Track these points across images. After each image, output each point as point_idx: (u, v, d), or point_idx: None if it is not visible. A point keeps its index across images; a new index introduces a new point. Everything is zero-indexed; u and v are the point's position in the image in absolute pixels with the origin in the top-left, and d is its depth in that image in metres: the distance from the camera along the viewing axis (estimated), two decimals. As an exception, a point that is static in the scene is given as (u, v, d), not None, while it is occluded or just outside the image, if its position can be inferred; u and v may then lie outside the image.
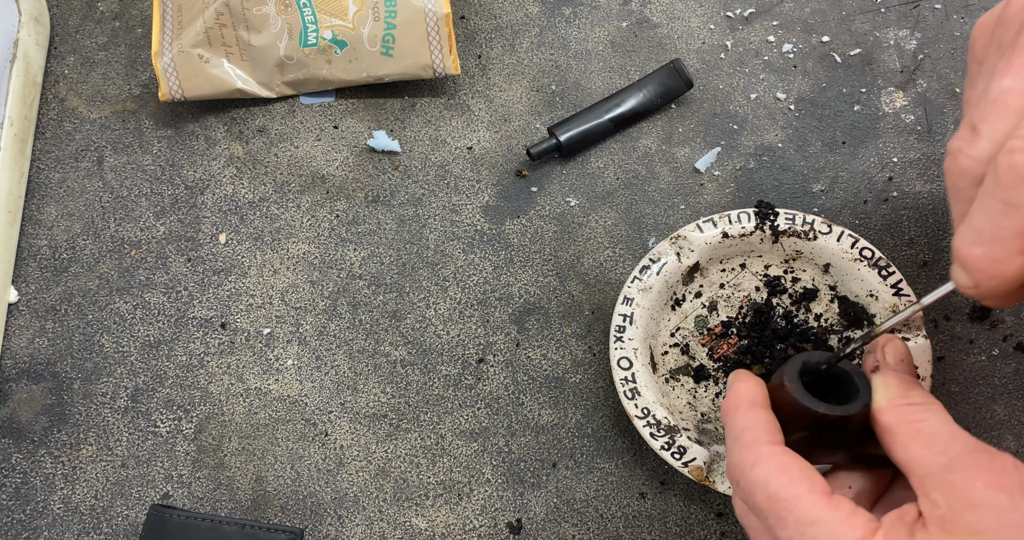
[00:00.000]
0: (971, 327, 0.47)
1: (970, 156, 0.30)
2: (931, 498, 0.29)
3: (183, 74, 0.50)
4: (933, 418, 0.31)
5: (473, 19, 0.55)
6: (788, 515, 0.30)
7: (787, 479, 0.30)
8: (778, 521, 0.30)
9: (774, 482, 0.31)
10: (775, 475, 0.31)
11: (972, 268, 0.30)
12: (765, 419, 0.33)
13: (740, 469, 0.32)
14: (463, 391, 0.47)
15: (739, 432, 0.33)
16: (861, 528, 0.29)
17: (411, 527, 0.44)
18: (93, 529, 0.45)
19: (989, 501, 0.28)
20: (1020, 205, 0.28)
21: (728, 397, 0.35)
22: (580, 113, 0.51)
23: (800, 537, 0.29)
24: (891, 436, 0.31)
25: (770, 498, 0.30)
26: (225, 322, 0.48)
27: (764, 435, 0.32)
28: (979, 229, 0.29)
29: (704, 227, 0.46)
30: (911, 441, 0.31)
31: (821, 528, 0.29)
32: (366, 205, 0.50)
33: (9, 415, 0.47)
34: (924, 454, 0.30)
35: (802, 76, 0.53)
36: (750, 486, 0.31)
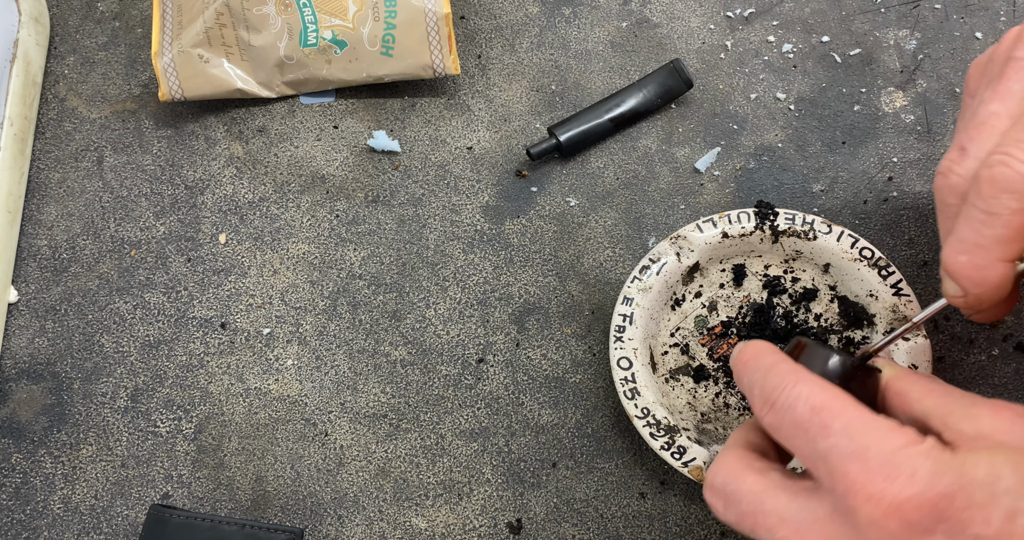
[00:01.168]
0: (971, 327, 0.47)
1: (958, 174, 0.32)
2: (957, 429, 0.29)
3: (183, 74, 0.50)
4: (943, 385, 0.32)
5: (473, 19, 0.55)
6: (835, 422, 0.29)
7: (832, 394, 0.30)
8: (822, 429, 0.29)
9: (819, 395, 0.30)
10: (818, 390, 0.30)
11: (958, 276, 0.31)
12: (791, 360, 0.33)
13: (779, 388, 0.31)
14: (463, 391, 0.47)
15: (770, 365, 0.33)
16: (910, 435, 0.29)
17: (411, 527, 0.44)
18: (93, 529, 0.45)
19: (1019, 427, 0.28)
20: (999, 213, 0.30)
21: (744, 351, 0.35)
22: (580, 113, 0.51)
23: (849, 441, 0.29)
24: (903, 397, 0.32)
25: (814, 408, 0.30)
26: (225, 322, 0.48)
27: (800, 367, 0.32)
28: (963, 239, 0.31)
29: (704, 227, 0.46)
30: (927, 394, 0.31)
31: (872, 431, 0.29)
32: (366, 205, 0.51)
33: (9, 415, 0.47)
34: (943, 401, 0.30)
35: (802, 76, 0.53)
36: (791, 401, 0.31)
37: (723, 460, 0.33)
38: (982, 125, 0.32)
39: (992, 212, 0.30)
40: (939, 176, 0.33)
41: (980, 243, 0.31)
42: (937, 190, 0.34)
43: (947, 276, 0.33)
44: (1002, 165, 0.30)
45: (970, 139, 0.33)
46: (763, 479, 0.32)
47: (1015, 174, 0.30)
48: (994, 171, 0.30)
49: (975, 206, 0.31)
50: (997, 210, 0.30)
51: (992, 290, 0.31)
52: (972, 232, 0.31)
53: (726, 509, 0.32)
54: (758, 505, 0.31)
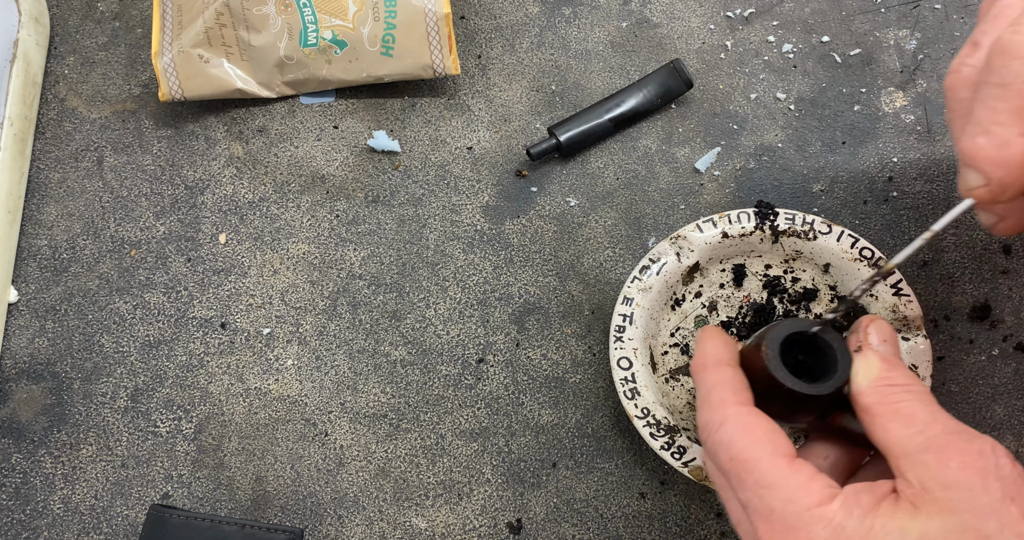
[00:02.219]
0: (971, 327, 0.47)
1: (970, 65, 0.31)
2: (906, 478, 0.29)
3: (183, 74, 0.50)
4: (914, 399, 0.31)
5: (473, 19, 0.55)
6: (748, 477, 0.30)
7: (750, 440, 0.30)
8: (739, 482, 0.30)
9: (737, 442, 0.30)
10: (739, 435, 0.31)
11: (977, 159, 0.30)
12: (732, 378, 0.33)
13: (707, 429, 0.32)
14: (463, 391, 0.47)
15: (707, 391, 0.33)
16: (818, 494, 0.29)
17: (411, 527, 0.44)
18: (93, 529, 0.45)
19: (962, 482, 0.27)
20: (1011, 83, 0.28)
21: (696, 355, 0.35)
22: (580, 113, 0.51)
23: (757, 500, 0.29)
24: (871, 417, 0.31)
25: (732, 459, 0.30)
26: (225, 322, 0.48)
27: (732, 395, 0.32)
28: (979, 120, 0.29)
29: (704, 227, 0.46)
30: (890, 422, 0.30)
31: (777, 491, 0.29)
32: (366, 205, 0.51)
33: (9, 415, 0.47)
34: (902, 435, 0.30)
35: (802, 76, 0.53)
36: (715, 446, 0.31)
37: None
38: (996, 18, 0.31)
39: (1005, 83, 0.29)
40: (950, 74, 0.32)
41: (998, 119, 0.29)
42: (949, 88, 0.32)
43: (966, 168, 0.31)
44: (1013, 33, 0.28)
45: (983, 33, 0.31)
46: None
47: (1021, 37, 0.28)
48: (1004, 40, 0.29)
49: (988, 83, 0.29)
50: (1009, 80, 0.28)
51: (1016, 170, 0.29)
52: (988, 111, 0.29)
53: None
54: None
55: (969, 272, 0.49)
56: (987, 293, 0.48)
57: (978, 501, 0.27)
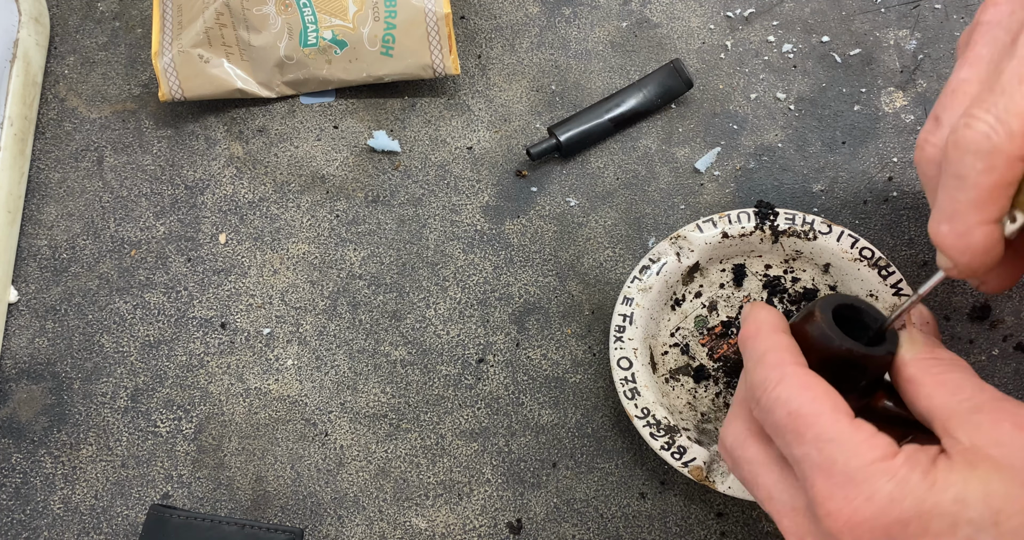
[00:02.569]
0: (971, 327, 0.47)
1: (933, 144, 0.32)
2: (955, 436, 0.28)
3: (183, 74, 0.50)
4: (959, 372, 0.31)
5: (473, 19, 0.55)
6: (808, 430, 0.29)
7: (811, 396, 0.30)
8: (796, 437, 0.30)
9: (797, 398, 0.30)
10: (799, 392, 0.30)
11: (943, 246, 0.31)
12: (788, 342, 0.33)
13: (763, 387, 0.31)
14: (463, 391, 0.47)
15: (762, 354, 0.32)
16: (882, 449, 0.28)
17: (411, 527, 0.44)
18: (93, 529, 0.45)
19: (1016, 440, 0.27)
20: (966, 176, 0.29)
21: (747, 325, 0.34)
22: (580, 113, 0.51)
23: (817, 453, 0.29)
24: (915, 387, 0.31)
25: (791, 414, 0.30)
26: (225, 322, 0.48)
27: (789, 356, 0.32)
28: (941, 208, 0.31)
29: (704, 227, 0.46)
30: (937, 389, 0.30)
31: (840, 446, 0.29)
32: (366, 205, 0.51)
33: (9, 415, 0.47)
34: (950, 400, 0.30)
35: (802, 76, 0.53)
36: (771, 403, 0.31)
37: (734, 420, 0.34)
38: (953, 93, 0.32)
39: (960, 175, 0.30)
40: (917, 149, 0.33)
41: (956, 209, 0.30)
42: (917, 163, 0.33)
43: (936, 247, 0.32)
44: (965, 127, 0.29)
45: (943, 108, 0.32)
46: (764, 450, 0.32)
47: (977, 134, 0.29)
48: (957, 135, 0.30)
49: (946, 172, 0.30)
50: (964, 173, 0.29)
51: (980, 256, 0.30)
52: (948, 199, 0.30)
53: (732, 469, 0.34)
54: (754, 476, 0.32)
55: (969, 272, 0.49)
56: (987, 293, 0.48)
57: None
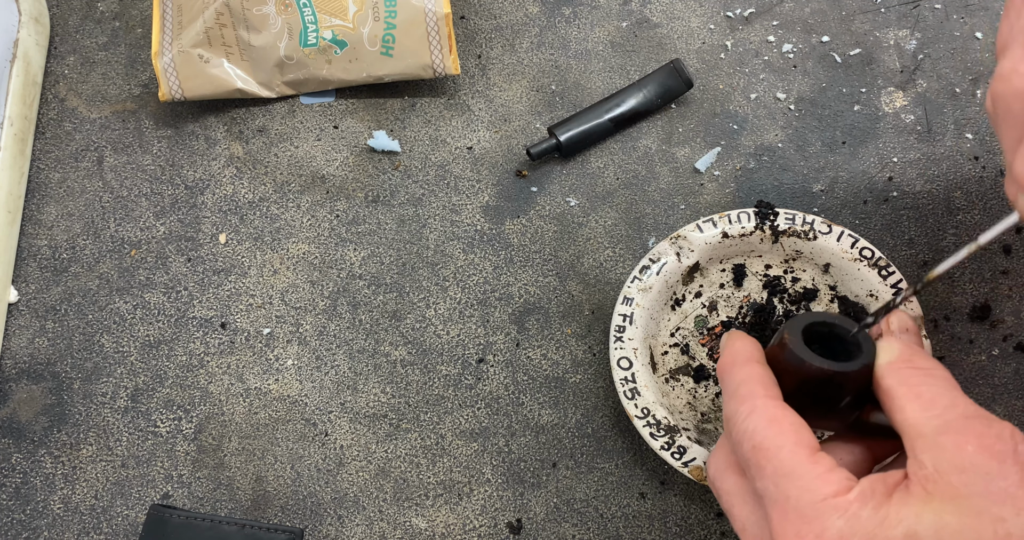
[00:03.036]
0: (971, 327, 0.47)
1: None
2: (919, 459, 0.28)
3: (183, 74, 0.50)
4: (934, 383, 0.30)
5: (473, 19, 0.55)
6: (767, 465, 0.30)
7: (776, 431, 0.30)
8: (758, 471, 0.30)
9: (761, 432, 0.30)
10: (764, 425, 0.31)
11: None
12: (762, 374, 0.33)
13: (733, 420, 0.32)
14: (463, 391, 0.47)
15: (736, 386, 0.33)
16: (835, 484, 0.28)
17: (411, 527, 0.44)
18: (93, 529, 0.45)
19: (978, 465, 0.27)
20: None
21: (724, 354, 0.35)
22: (580, 113, 0.51)
23: (774, 487, 0.29)
24: (890, 399, 0.31)
25: (755, 447, 0.30)
26: (225, 322, 0.48)
27: (761, 389, 0.32)
28: None
29: (704, 227, 0.46)
30: (908, 403, 0.30)
31: (795, 480, 0.29)
32: (366, 205, 0.51)
33: (9, 415, 0.47)
34: (920, 416, 0.29)
35: (802, 76, 0.53)
36: (740, 436, 0.31)
37: (717, 452, 0.34)
38: None
39: None
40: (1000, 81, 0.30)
41: None
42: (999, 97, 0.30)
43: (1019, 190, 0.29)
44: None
45: None
46: (739, 482, 0.32)
47: None
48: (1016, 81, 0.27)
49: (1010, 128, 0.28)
50: None
51: None
52: None
53: (717, 498, 0.34)
54: (730, 506, 0.33)
55: (969, 272, 0.49)
56: (987, 293, 0.48)
57: (994, 485, 0.26)
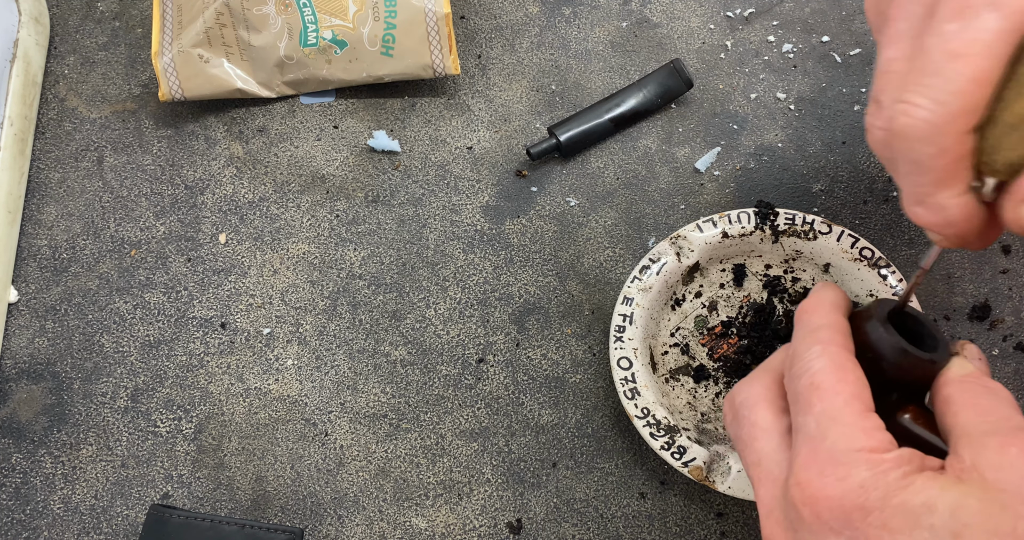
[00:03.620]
0: (971, 327, 0.47)
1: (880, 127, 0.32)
2: (959, 454, 0.28)
3: (183, 74, 0.50)
4: (997, 398, 0.31)
5: (473, 19, 0.55)
6: (818, 403, 0.29)
7: (839, 377, 0.30)
8: (806, 406, 0.30)
9: (826, 373, 0.30)
10: (831, 369, 0.30)
11: (926, 225, 0.31)
12: (845, 326, 0.33)
13: (803, 356, 0.31)
14: (463, 391, 0.47)
15: (816, 327, 0.32)
16: (876, 441, 0.29)
17: (411, 527, 0.44)
18: (93, 529, 0.45)
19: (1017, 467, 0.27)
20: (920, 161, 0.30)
21: (812, 297, 0.34)
22: (580, 113, 0.51)
23: (815, 425, 0.29)
24: (947, 405, 0.31)
25: (813, 385, 0.30)
26: (225, 322, 0.48)
27: (841, 337, 0.32)
28: (908, 193, 0.31)
29: (704, 227, 0.46)
30: (964, 409, 0.30)
31: (839, 426, 0.29)
32: (366, 205, 0.51)
33: (9, 415, 0.47)
34: (972, 420, 0.30)
35: (802, 76, 0.53)
36: (802, 369, 0.31)
37: (753, 382, 0.34)
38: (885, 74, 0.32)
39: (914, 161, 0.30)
40: (868, 133, 0.33)
41: (924, 191, 0.31)
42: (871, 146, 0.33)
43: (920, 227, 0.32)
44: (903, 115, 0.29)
45: (880, 90, 0.32)
46: (772, 418, 0.32)
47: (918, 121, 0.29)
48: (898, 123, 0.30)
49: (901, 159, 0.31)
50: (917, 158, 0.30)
51: (964, 225, 0.31)
52: (912, 183, 0.31)
53: (730, 424, 0.34)
54: (752, 439, 0.32)
55: (969, 272, 0.49)
56: (987, 293, 0.48)
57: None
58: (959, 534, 0.26)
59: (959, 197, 0.30)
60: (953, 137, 0.29)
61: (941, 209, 0.30)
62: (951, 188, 0.30)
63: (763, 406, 0.33)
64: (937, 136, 0.29)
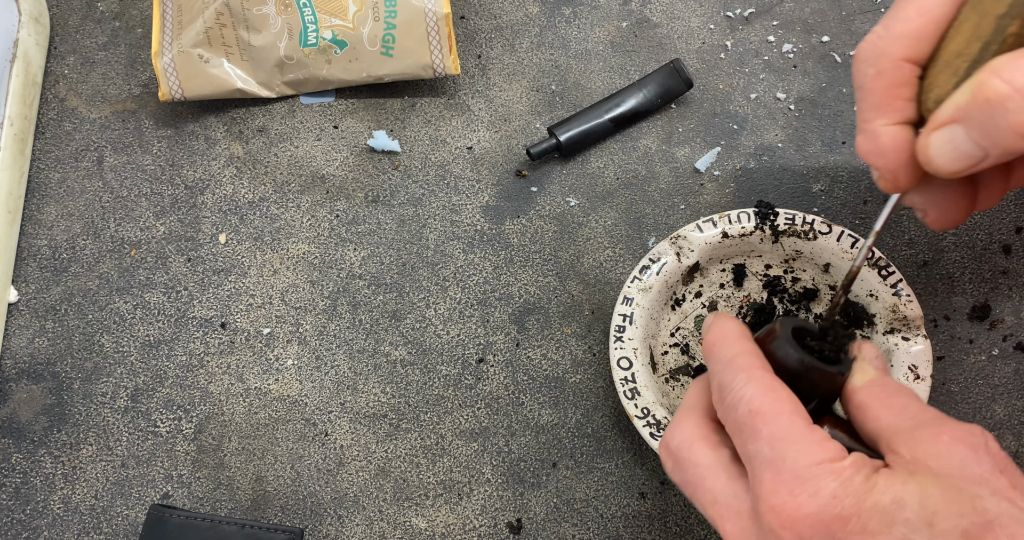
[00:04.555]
0: (971, 327, 0.47)
1: None
2: (898, 451, 0.30)
3: (183, 74, 0.50)
4: (907, 396, 0.32)
5: (473, 19, 0.55)
6: (764, 428, 0.30)
7: (773, 398, 0.31)
8: (753, 433, 0.30)
9: (760, 398, 0.31)
10: (763, 392, 0.31)
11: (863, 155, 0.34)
12: (756, 350, 0.33)
13: (730, 387, 0.32)
14: (463, 391, 0.47)
15: (731, 357, 0.33)
16: (831, 452, 0.29)
17: (411, 527, 0.44)
18: (93, 529, 0.45)
19: (953, 453, 0.28)
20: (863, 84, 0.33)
21: (713, 331, 0.35)
22: (580, 113, 0.51)
23: (769, 449, 0.30)
24: (863, 411, 0.32)
25: (752, 412, 0.31)
26: (225, 322, 0.48)
27: (758, 361, 0.33)
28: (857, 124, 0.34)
29: (704, 227, 0.46)
30: (882, 411, 0.31)
31: (792, 444, 0.29)
32: (366, 205, 0.51)
33: (9, 415, 0.47)
34: (895, 419, 0.31)
35: (802, 76, 0.53)
36: (735, 401, 0.31)
37: (683, 424, 0.34)
38: None
39: (860, 86, 0.33)
40: None
41: (864, 118, 0.33)
42: None
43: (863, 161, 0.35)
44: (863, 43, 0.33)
45: None
46: (712, 454, 0.32)
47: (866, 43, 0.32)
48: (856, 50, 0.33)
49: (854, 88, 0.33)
50: (861, 81, 0.32)
51: (894, 157, 0.32)
52: (858, 112, 0.33)
53: (673, 471, 0.34)
54: (699, 479, 0.32)
55: (969, 272, 0.49)
56: (987, 293, 0.48)
57: (969, 470, 0.28)
58: (931, 522, 0.27)
59: (892, 126, 0.32)
60: (891, 60, 0.32)
61: (874, 136, 0.32)
62: (886, 116, 0.32)
63: (700, 444, 0.33)
64: (877, 58, 0.32)
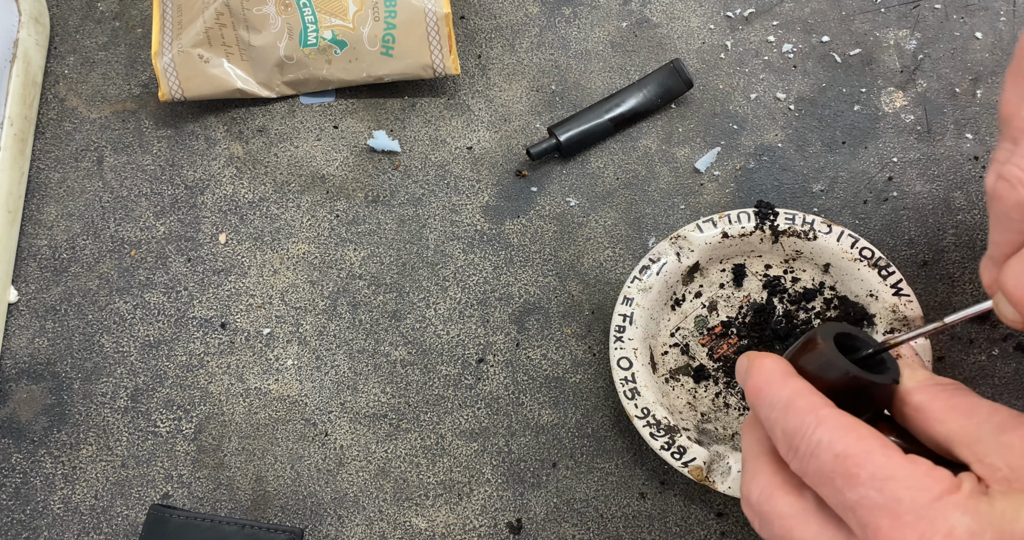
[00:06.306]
0: (971, 327, 0.47)
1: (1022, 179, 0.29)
2: (986, 461, 0.27)
3: (183, 74, 0.50)
4: (966, 395, 0.30)
5: (473, 19, 0.55)
6: (861, 471, 0.27)
7: (855, 437, 0.28)
8: (848, 480, 0.27)
9: (842, 440, 0.28)
10: (842, 433, 0.28)
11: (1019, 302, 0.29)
12: (810, 387, 0.31)
13: (800, 433, 0.29)
14: (463, 391, 0.47)
15: (789, 400, 0.30)
16: (946, 482, 0.27)
17: (411, 527, 0.44)
18: (93, 529, 0.45)
19: None
20: None
21: (753, 376, 0.32)
22: (580, 113, 0.51)
23: (877, 493, 0.27)
24: (923, 414, 0.30)
25: (838, 456, 0.28)
26: (225, 322, 0.48)
27: (819, 399, 0.30)
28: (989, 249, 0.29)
29: (704, 227, 0.46)
30: (948, 413, 0.29)
31: (901, 483, 0.27)
32: (366, 205, 0.51)
33: (9, 415, 0.47)
34: (967, 423, 0.28)
35: (802, 76, 0.53)
36: (813, 447, 0.29)
37: (757, 476, 0.32)
38: None
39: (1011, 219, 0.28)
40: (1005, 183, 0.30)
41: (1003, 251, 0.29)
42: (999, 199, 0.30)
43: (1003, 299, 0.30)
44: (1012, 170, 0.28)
45: None
46: (797, 502, 0.30)
47: None
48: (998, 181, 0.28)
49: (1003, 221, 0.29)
50: None
51: None
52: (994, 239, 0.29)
53: (760, 528, 0.31)
54: (788, 531, 0.30)
55: (969, 272, 0.49)
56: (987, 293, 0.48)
57: None
58: None
59: None
60: None
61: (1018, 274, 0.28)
62: None
63: (781, 494, 0.30)
64: None
